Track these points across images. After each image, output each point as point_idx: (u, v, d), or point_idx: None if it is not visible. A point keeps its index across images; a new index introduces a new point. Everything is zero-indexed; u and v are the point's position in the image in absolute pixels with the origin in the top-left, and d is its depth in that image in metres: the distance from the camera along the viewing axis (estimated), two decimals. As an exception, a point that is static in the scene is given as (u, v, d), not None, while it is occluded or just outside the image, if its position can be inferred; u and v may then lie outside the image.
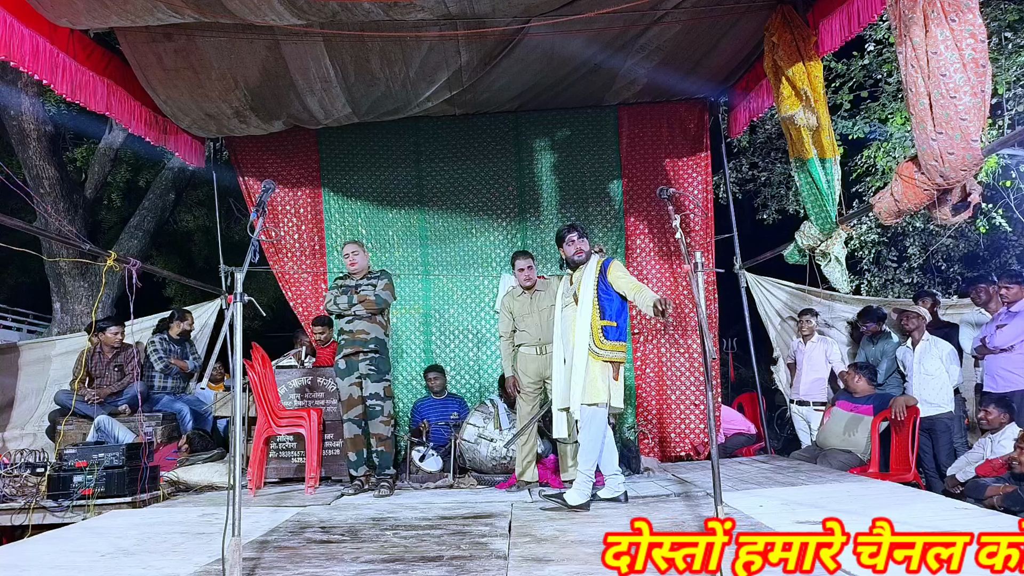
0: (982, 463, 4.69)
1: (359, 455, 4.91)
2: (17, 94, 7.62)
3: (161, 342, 6.24)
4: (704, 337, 2.98)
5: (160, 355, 6.17)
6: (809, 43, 4.87)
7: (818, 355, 6.13)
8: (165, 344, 6.26)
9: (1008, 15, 7.83)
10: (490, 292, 6.63)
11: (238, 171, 6.81)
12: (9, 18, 4.20)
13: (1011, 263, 9.19)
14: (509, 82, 5.92)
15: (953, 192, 3.86)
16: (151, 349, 6.20)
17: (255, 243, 3.03)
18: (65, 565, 3.06)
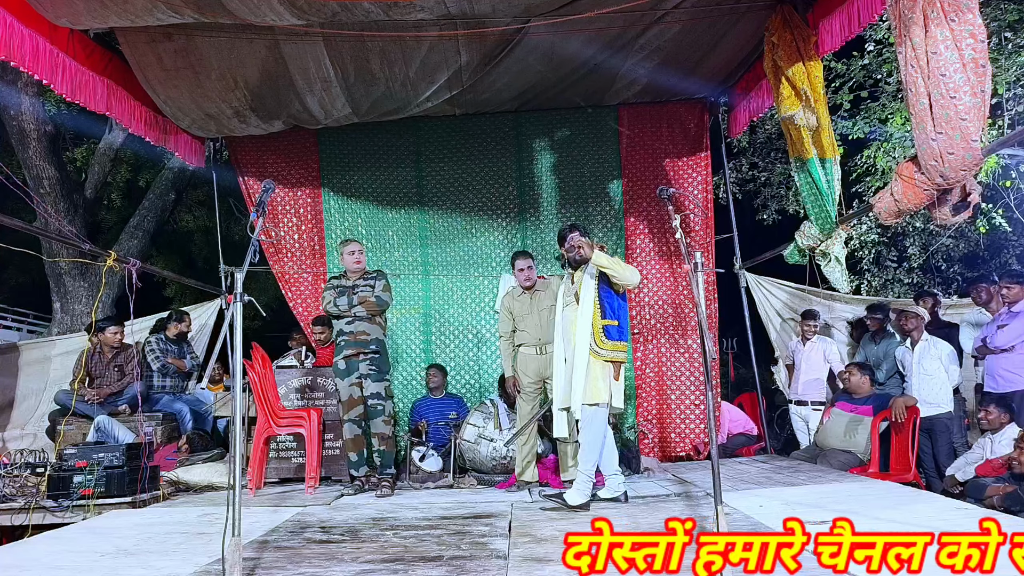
0: (982, 463, 4.69)
1: (360, 455, 4.91)
2: (17, 94, 7.62)
3: (158, 342, 6.23)
4: (704, 337, 2.98)
5: (157, 355, 6.17)
6: (809, 43, 4.87)
7: (816, 355, 6.13)
8: (162, 344, 6.25)
9: (1008, 15, 7.83)
10: (490, 292, 6.63)
11: (238, 171, 6.81)
12: (9, 18, 4.20)
13: (1011, 263, 9.19)
14: (509, 82, 5.92)
15: (953, 192, 3.85)
16: (148, 349, 6.19)
17: (255, 243, 3.03)
18: (65, 565, 3.06)
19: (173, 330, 6.41)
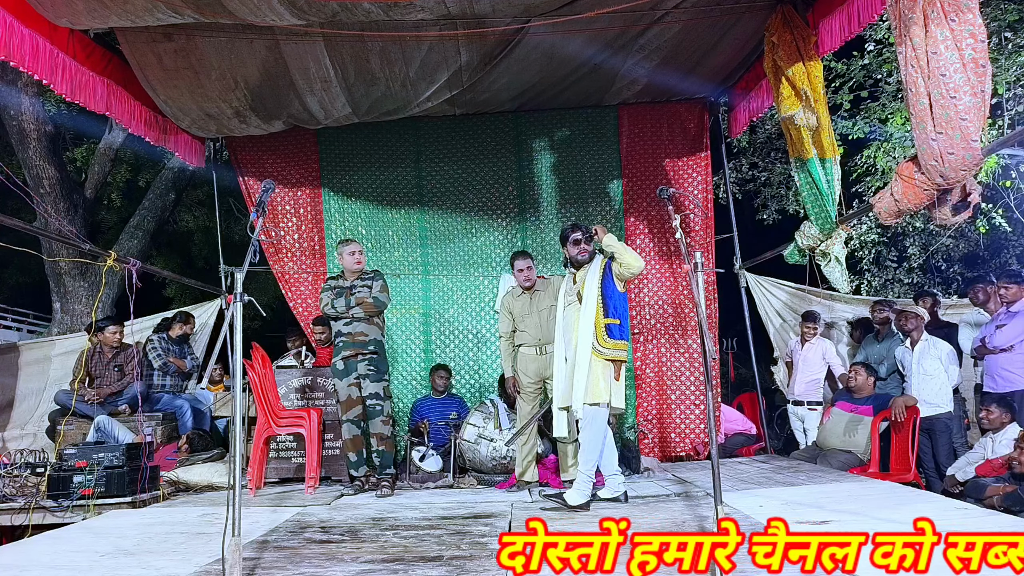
0: (982, 463, 4.69)
1: (359, 455, 4.91)
2: (17, 94, 7.62)
3: (160, 341, 6.25)
4: (704, 337, 2.98)
5: (159, 353, 6.18)
6: (809, 43, 4.87)
7: (815, 355, 6.13)
8: (164, 343, 6.26)
9: (1008, 15, 7.83)
10: (490, 292, 6.63)
11: (238, 171, 6.81)
12: (9, 18, 4.19)
13: (1011, 263, 9.19)
14: (509, 82, 5.92)
15: (953, 192, 3.86)
16: (149, 347, 6.20)
17: (255, 243, 3.03)
18: (65, 565, 3.06)
19: (177, 330, 6.43)
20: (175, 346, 6.35)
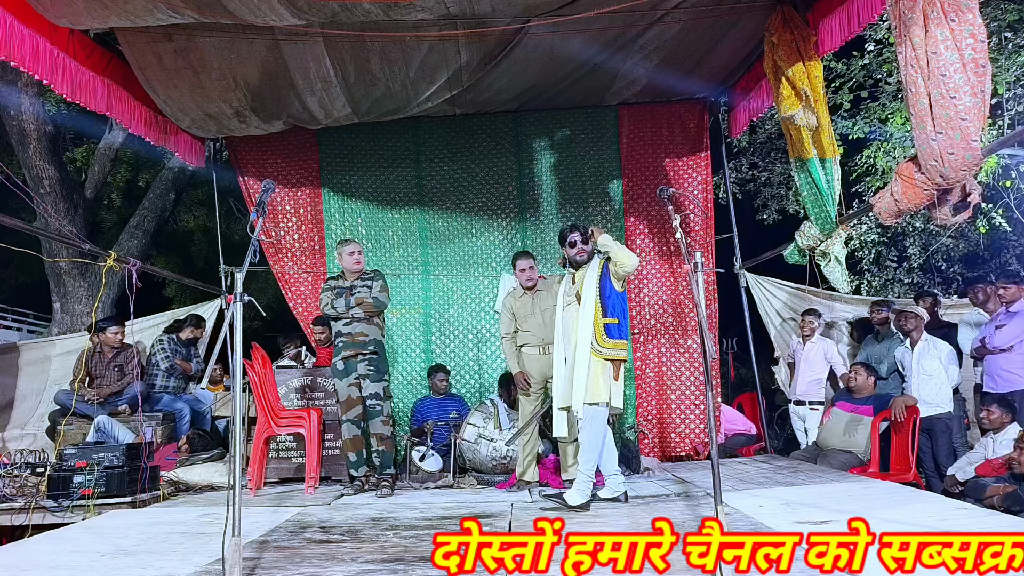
0: (982, 463, 4.69)
1: (359, 455, 4.91)
2: (17, 94, 7.62)
3: (170, 342, 6.28)
4: (704, 337, 2.98)
5: (168, 354, 6.20)
6: (809, 43, 4.87)
7: (816, 355, 6.13)
8: (173, 344, 6.29)
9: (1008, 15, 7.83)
10: (490, 292, 6.63)
11: (238, 171, 6.81)
12: (9, 18, 4.20)
13: (1011, 263, 9.18)
14: (509, 82, 5.92)
15: (953, 192, 3.86)
16: (159, 347, 6.22)
17: (255, 243, 3.03)
18: (65, 565, 3.06)
19: (189, 333, 6.46)
20: (183, 348, 6.37)
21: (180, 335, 6.42)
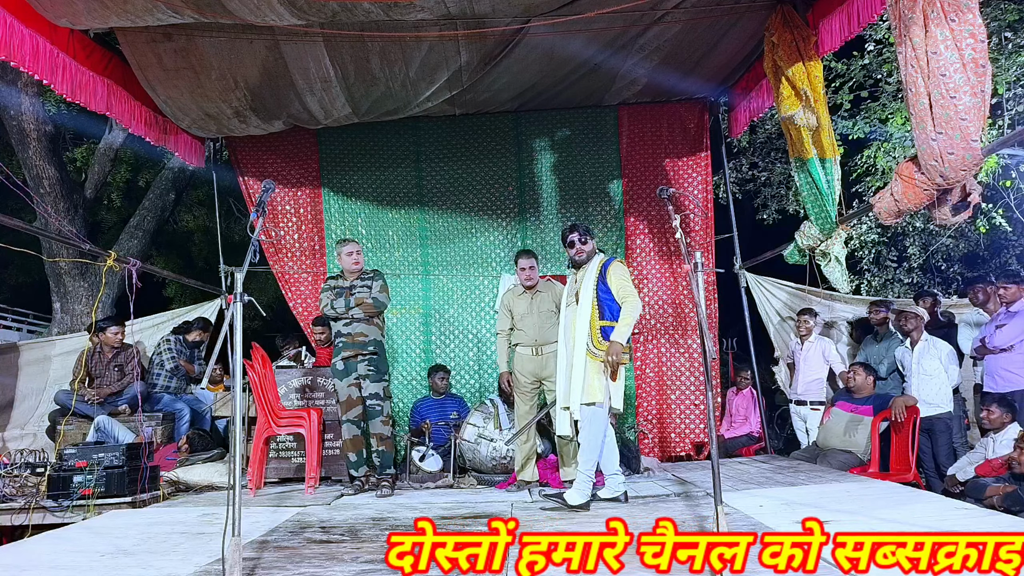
0: (982, 463, 4.69)
1: (359, 455, 4.91)
2: (17, 94, 7.62)
3: (176, 342, 6.29)
4: (704, 337, 2.98)
5: (173, 354, 6.21)
6: (809, 43, 4.87)
7: (815, 355, 6.12)
8: (180, 345, 6.30)
9: (1008, 15, 7.83)
10: (490, 292, 6.63)
11: (238, 171, 6.81)
12: (9, 18, 4.20)
13: (1011, 263, 9.18)
14: (509, 82, 5.92)
15: (953, 192, 3.86)
16: (165, 347, 6.22)
17: (255, 243, 3.03)
18: (65, 565, 3.06)
19: (196, 336, 6.47)
20: (188, 350, 6.38)
21: (187, 337, 6.43)
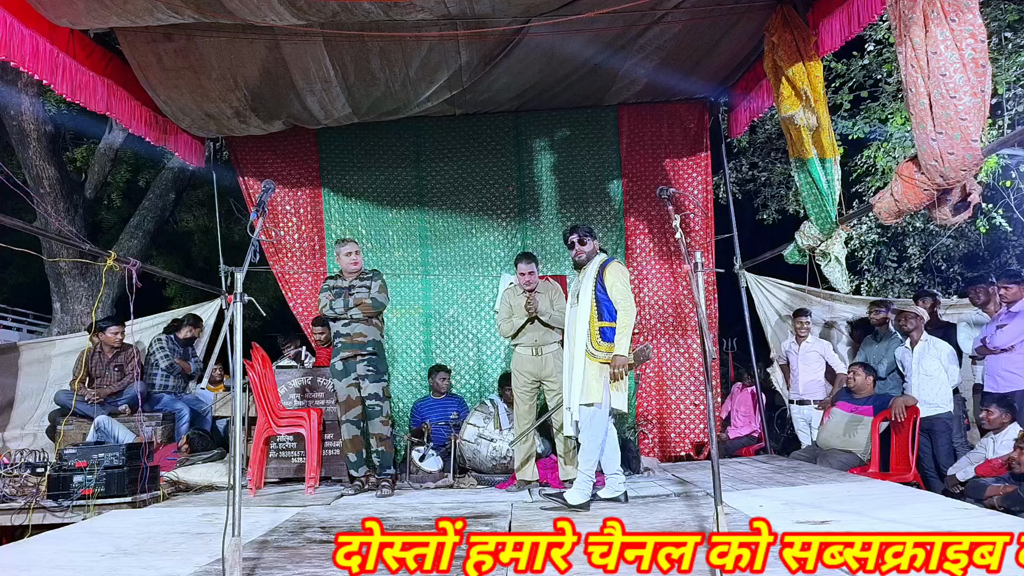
0: (982, 463, 4.69)
1: (359, 455, 4.91)
2: (17, 94, 7.62)
3: (168, 341, 6.27)
4: (704, 337, 2.98)
5: (166, 353, 6.20)
6: (809, 43, 4.87)
7: (813, 355, 6.13)
8: (172, 344, 6.28)
9: (1008, 15, 7.82)
10: (490, 292, 6.63)
11: (238, 171, 6.81)
12: (9, 18, 4.20)
13: (1011, 263, 9.18)
14: (509, 82, 5.92)
15: (953, 192, 3.86)
16: (157, 347, 6.22)
17: (255, 243, 3.03)
18: (65, 565, 3.06)
19: (187, 332, 6.46)
20: (181, 347, 6.37)
21: (178, 335, 6.42)
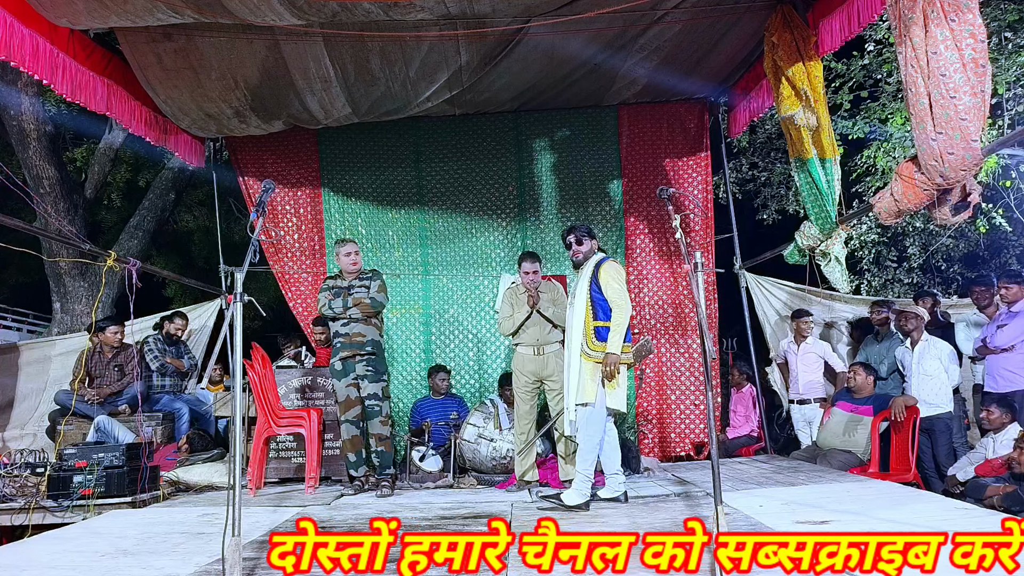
0: (982, 463, 4.69)
1: (358, 455, 4.91)
2: (17, 94, 7.62)
3: (156, 342, 6.23)
4: (704, 337, 2.98)
5: (155, 355, 6.16)
6: (809, 43, 4.87)
7: (811, 356, 6.13)
8: (160, 344, 6.24)
9: (1008, 15, 7.82)
10: (490, 292, 6.63)
11: (238, 171, 6.81)
12: (9, 18, 4.20)
13: (1011, 263, 9.18)
14: (509, 82, 5.92)
15: (953, 192, 3.86)
16: (146, 349, 6.19)
17: (255, 243, 3.03)
18: (65, 565, 3.06)
19: (171, 328, 6.39)
20: (171, 346, 6.34)
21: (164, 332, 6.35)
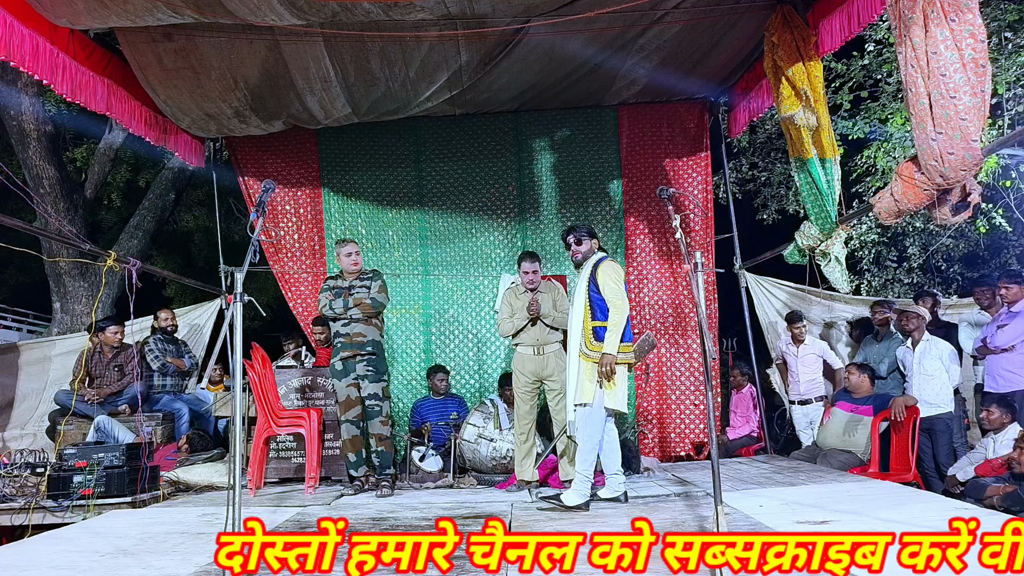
0: (982, 463, 4.69)
1: (358, 455, 4.91)
2: (17, 94, 7.62)
3: (156, 342, 6.23)
4: (704, 337, 2.98)
5: (156, 355, 6.15)
6: (809, 43, 4.87)
7: (811, 357, 6.13)
8: (160, 344, 6.24)
9: (1008, 15, 7.83)
10: (490, 292, 6.63)
11: (238, 171, 6.81)
12: (9, 18, 4.20)
13: (1011, 263, 9.18)
14: (509, 82, 5.92)
15: (953, 192, 3.86)
16: (147, 350, 6.19)
17: (255, 243, 3.03)
18: (65, 565, 3.06)
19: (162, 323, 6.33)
20: (171, 345, 6.34)
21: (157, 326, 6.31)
